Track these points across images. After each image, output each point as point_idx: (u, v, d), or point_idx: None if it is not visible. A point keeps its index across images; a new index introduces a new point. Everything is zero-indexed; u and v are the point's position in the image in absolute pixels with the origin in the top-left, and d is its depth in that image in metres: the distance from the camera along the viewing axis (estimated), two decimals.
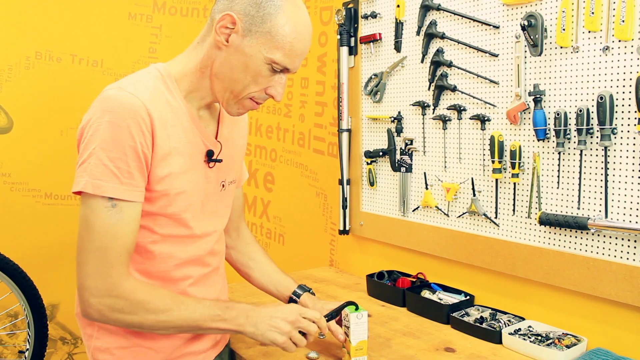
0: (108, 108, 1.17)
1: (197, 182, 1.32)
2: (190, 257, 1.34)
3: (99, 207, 1.16)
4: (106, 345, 1.30)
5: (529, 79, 1.65)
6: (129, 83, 1.22)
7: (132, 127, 1.16)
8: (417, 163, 2.05)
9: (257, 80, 1.25)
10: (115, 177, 1.16)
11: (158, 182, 1.23)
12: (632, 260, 1.43)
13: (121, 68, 2.81)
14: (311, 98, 2.63)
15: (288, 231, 2.88)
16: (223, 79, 1.26)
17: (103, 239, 1.16)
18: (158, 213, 1.26)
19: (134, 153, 1.17)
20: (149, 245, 1.27)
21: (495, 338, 1.59)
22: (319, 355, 1.52)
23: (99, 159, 1.15)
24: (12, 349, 2.68)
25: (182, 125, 1.27)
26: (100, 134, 1.15)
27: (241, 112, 1.32)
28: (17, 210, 2.63)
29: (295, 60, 1.26)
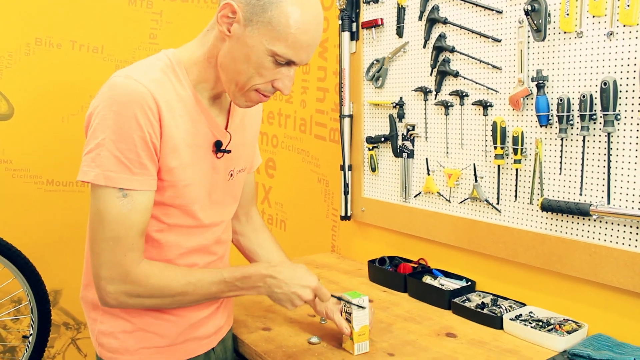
0: (115, 96, 1.16)
1: (205, 173, 1.31)
2: (197, 246, 1.35)
3: (111, 197, 1.15)
4: (110, 330, 1.31)
5: (532, 64, 1.64)
6: (137, 70, 1.21)
7: (140, 116, 1.15)
8: (419, 149, 2.05)
9: (261, 72, 1.19)
10: (127, 169, 1.15)
11: (167, 173, 1.22)
12: (634, 246, 1.43)
13: (122, 54, 2.79)
14: (313, 84, 2.62)
15: (290, 217, 2.89)
16: (227, 70, 1.22)
17: (116, 228, 1.16)
18: (166, 203, 1.26)
19: (143, 142, 1.16)
20: (154, 233, 1.27)
21: (496, 324, 1.60)
22: (321, 340, 1.53)
23: (109, 150, 1.14)
24: (16, 334, 2.70)
25: (190, 115, 1.25)
26: (108, 124, 1.14)
27: (249, 105, 1.28)
28: (19, 197, 2.63)
29: (301, 53, 1.19)
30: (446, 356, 1.44)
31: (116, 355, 1.31)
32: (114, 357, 1.31)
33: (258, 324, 1.66)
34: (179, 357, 1.36)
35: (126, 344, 1.31)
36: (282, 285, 1.30)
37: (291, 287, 1.30)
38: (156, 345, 1.32)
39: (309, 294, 1.32)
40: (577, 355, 1.37)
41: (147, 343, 1.32)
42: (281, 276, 1.30)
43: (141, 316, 1.31)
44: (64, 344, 2.85)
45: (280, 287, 1.30)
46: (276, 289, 1.30)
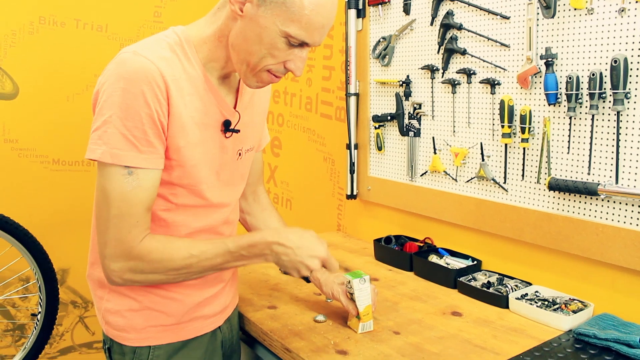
0: (122, 73, 1.14)
1: (213, 153, 1.30)
2: (204, 226, 1.34)
3: (115, 175, 1.15)
4: (117, 308, 1.32)
5: (540, 41, 1.61)
6: (146, 47, 1.19)
7: (147, 93, 1.14)
8: (426, 127, 2.03)
9: (273, 53, 1.17)
10: (134, 146, 1.14)
11: (175, 152, 1.21)
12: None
13: (126, 33, 2.77)
14: (318, 62, 2.60)
15: (295, 196, 2.89)
16: (239, 50, 1.20)
17: (120, 206, 1.16)
18: (174, 183, 1.25)
19: (151, 120, 1.15)
20: (162, 213, 1.27)
21: (502, 303, 1.60)
22: (327, 318, 1.54)
23: (116, 127, 1.13)
24: (25, 312, 2.72)
25: (199, 94, 1.24)
26: (115, 101, 1.13)
27: (260, 85, 1.26)
28: (25, 177, 2.63)
29: (314, 35, 1.16)
30: (451, 335, 1.44)
31: (123, 334, 1.32)
32: (121, 335, 1.32)
33: (264, 302, 1.67)
34: (185, 336, 1.36)
35: (133, 322, 1.32)
36: (290, 252, 1.27)
37: (298, 256, 1.27)
38: (162, 323, 1.33)
39: (317, 264, 1.29)
40: (583, 335, 1.37)
41: (154, 321, 1.33)
42: (289, 243, 1.27)
43: (147, 294, 1.31)
44: (72, 322, 2.88)
45: (288, 254, 1.27)
46: (283, 256, 1.27)
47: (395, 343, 1.40)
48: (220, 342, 1.47)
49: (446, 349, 1.37)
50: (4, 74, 2.54)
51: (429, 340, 1.41)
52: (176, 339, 1.35)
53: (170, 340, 1.35)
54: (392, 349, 1.36)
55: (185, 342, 1.37)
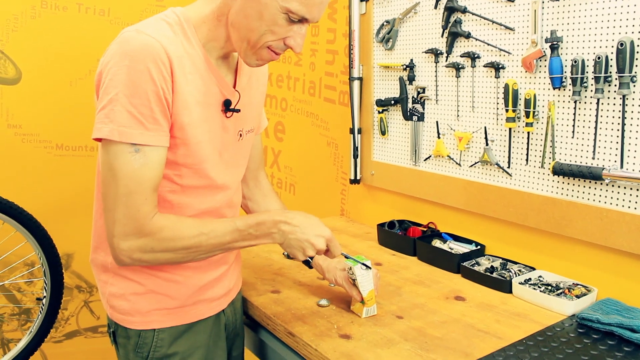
0: (127, 51, 1.14)
1: (215, 132, 1.30)
2: (209, 208, 1.35)
3: (123, 153, 1.14)
4: (121, 292, 1.32)
5: (546, 25, 1.60)
6: (148, 26, 1.19)
7: (153, 70, 1.14)
8: (429, 112, 2.02)
9: (274, 29, 1.19)
10: (140, 124, 1.14)
11: (179, 130, 1.21)
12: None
13: (128, 17, 2.76)
14: (322, 46, 2.58)
15: (299, 181, 2.88)
16: (239, 28, 1.21)
17: (128, 184, 1.15)
18: (179, 162, 1.25)
19: (156, 97, 1.15)
20: (167, 194, 1.27)
21: (505, 287, 1.60)
22: (330, 302, 1.54)
23: (122, 105, 1.13)
24: (30, 296, 2.74)
25: (199, 73, 1.24)
26: (120, 79, 1.13)
27: (259, 64, 1.27)
28: (29, 162, 2.64)
29: (314, 10, 1.19)
30: (454, 319, 1.44)
31: (127, 317, 1.33)
32: (125, 319, 1.33)
33: (267, 286, 1.67)
34: (189, 319, 1.37)
35: (137, 306, 1.32)
36: (296, 231, 1.28)
37: (305, 235, 1.28)
38: (167, 307, 1.34)
39: (322, 243, 1.30)
40: (586, 319, 1.37)
41: (158, 305, 1.33)
42: (295, 222, 1.29)
43: (151, 278, 1.32)
44: (77, 307, 2.90)
45: (294, 233, 1.28)
46: (290, 235, 1.28)
47: (398, 327, 1.40)
48: (224, 326, 1.48)
49: (449, 333, 1.37)
50: (6, 58, 2.54)
51: (432, 324, 1.42)
52: (180, 322, 1.36)
53: (175, 323, 1.35)
54: (395, 333, 1.37)
55: (190, 326, 1.38)
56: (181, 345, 1.36)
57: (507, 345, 1.30)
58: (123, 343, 1.36)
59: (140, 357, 1.34)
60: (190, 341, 1.37)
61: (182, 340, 1.36)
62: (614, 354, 1.25)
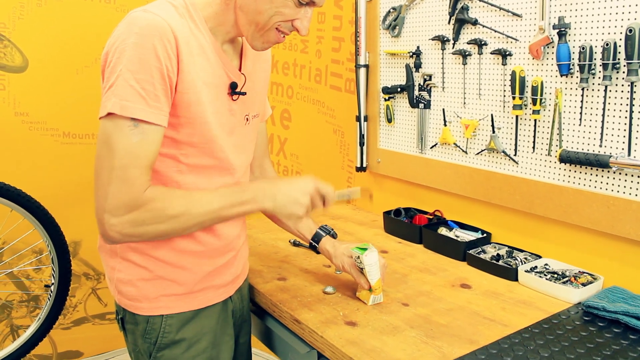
0: (134, 29, 1.15)
1: (222, 113, 1.31)
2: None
3: (122, 127, 1.14)
4: (129, 277, 1.33)
5: (553, 11, 1.58)
6: (155, 6, 1.21)
7: (159, 48, 1.15)
8: (436, 99, 2.02)
9: (283, 11, 1.23)
10: (142, 99, 1.14)
11: (185, 109, 1.22)
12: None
13: (133, 4, 2.72)
14: (328, 33, 2.57)
15: (305, 168, 2.89)
16: (247, 11, 1.24)
17: (124, 158, 1.15)
18: (183, 141, 1.25)
19: (160, 75, 1.16)
20: (174, 174, 1.28)
21: (511, 275, 1.60)
22: (336, 290, 1.55)
23: (126, 80, 1.13)
24: (38, 283, 2.77)
25: (206, 55, 1.25)
26: (126, 55, 1.14)
27: (266, 47, 1.30)
28: (36, 150, 2.65)
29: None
30: (460, 307, 1.45)
31: (135, 303, 1.34)
32: (134, 305, 1.34)
33: (273, 274, 1.68)
34: (197, 305, 1.38)
35: (145, 292, 1.33)
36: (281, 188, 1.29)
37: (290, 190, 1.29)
38: (175, 292, 1.35)
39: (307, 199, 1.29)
40: (592, 307, 1.37)
41: (166, 290, 1.34)
42: (279, 183, 1.30)
43: (159, 264, 1.32)
44: (84, 294, 2.92)
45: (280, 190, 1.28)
46: (277, 194, 1.28)
47: (404, 315, 1.41)
48: (231, 312, 1.49)
49: (454, 320, 1.37)
50: (13, 46, 2.54)
51: (438, 312, 1.42)
52: (188, 308, 1.37)
53: (183, 309, 1.36)
54: (400, 320, 1.37)
55: (197, 312, 1.38)
56: (189, 331, 1.37)
57: (513, 332, 1.30)
58: (131, 329, 1.37)
59: (148, 342, 1.35)
60: (198, 327, 1.38)
61: (190, 326, 1.37)
62: (619, 342, 1.25)
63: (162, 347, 1.35)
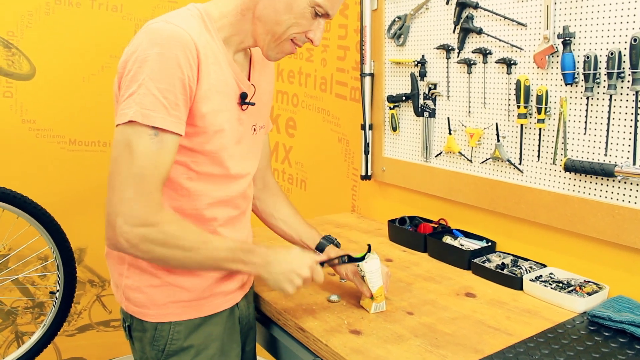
0: (157, 40, 1.17)
1: (232, 122, 1.34)
2: (223, 197, 1.36)
3: (142, 135, 1.16)
4: (137, 284, 1.34)
5: (558, 20, 1.59)
6: (175, 17, 1.23)
7: (181, 58, 1.17)
8: (441, 108, 2.02)
9: (300, 22, 1.28)
10: (164, 108, 1.17)
11: (199, 118, 1.24)
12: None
13: (141, 13, 2.77)
14: (333, 42, 2.58)
15: (310, 177, 2.89)
16: (266, 21, 1.28)
17: (143, 166, 1.16)
18: (195, 150, 1.27)
19: (182, 85, 1.18)
20: (184, 181, 1.29)
21: (516, 284, 1.60)
22: (340, 298, 1.55)
23: (148, 88, 1.16)
24: (43, 289, 2.77)
25: (220, 64, 1.28)
26: (149, 65, 1.16)
27: (279, 57, 1.35)
28: (43, 157, 2.66)
29: (335, 6, 1.30)
30: (465, 316, 1.44)
31: (144, 310, 1.34)
32: (141, 312, 1.34)
33: None
34: (205, 312, 1.38)
35: (153, 298, 1.33)
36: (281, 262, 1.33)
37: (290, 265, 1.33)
38: (183, 299, 1.35)
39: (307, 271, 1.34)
40: (597, 317, 1.37)
41: (174, 297, 1.34)
42: (279, 256, 1.33)
43: (167, 271, 1.33)
44: (89, 301, 2.92)
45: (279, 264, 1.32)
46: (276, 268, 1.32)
47: (408, 323, 1.40)
48: (238, 319, 1.49)
49: (459, 329, 1.37)
50: (20, 54, 2.56)
51: (443, 320, 1.42)
52: (196, 315, 1.37)
53: (191, 316, 1.36)
54: (405, 329, 1.37)
55: (205, 319, 1.39)
56: (197, 338, 1.37)
57: (518, 342, 1.30)
58: (139, 337, 1.37)
59: (156, 350, 1.35)
60: (205, 334, 1.38)
61: (198, 333, 1.37)
62: (625, 352, 1.24)
63: (170, 354, 1.35)
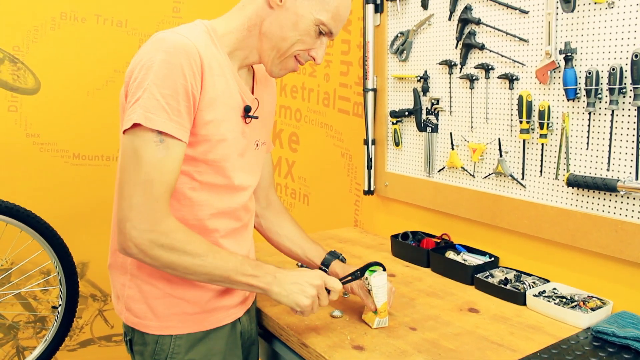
0: (162, 47, 1.20)
1: (236, 135, 1.35)
2: (226, 208, 1.37)
3: (148, 141, 1.18)
4: (139, 295, 1.33)
5: (560, 36, 1.60)
6: (181, 29, 1.27)
7: (185, 67, 1.20)
8: (443, 123, 2.03)
9: (304, 40, 1.31)
10: (165, 112, 1.18)
11: (202, 127, 1.26)
12: None
13: (145, 28, 2.79)
14: (336, 57, 2.60)
15: (313, 191, 2.89)
16: (272, 37, 1.31)
17: (151, 172, 1.18)
18: (199, 159, 1.28)
19: (185, 93, 1.20)
20: (187, 191, 1.30)
21: (519, 299, 1.59)
22: (343, 313, 1.54)
23: (152, 93, 1.18)
24: (46, 304, 2.77)
25: (225, 77, 1.31)
26: (153, 71, 1.18)
27: (282, 73, 1.38)
28: (46, 171, 2.67)
29: (339, 25, 1.33)
30: (468, 331, 1.44)
31: (145, 322, 1.34)
32: (142, 323, 1.34)
33: None
34: (207, 326, 1.38)
35: (155, 309, 1.33)
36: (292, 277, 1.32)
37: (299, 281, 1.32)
38: (185, 311, 1.35)
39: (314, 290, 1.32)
40: (601, 333, 1.36)
41: (176, 309, 1.34)
42: (290, 274, 1.33)
43: (169, 282, 1.33)
44: (91, 315, 2.92)
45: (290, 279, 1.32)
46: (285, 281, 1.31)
47: (411, 339, 1.40)
48: (240, 334, 1.48)
49: (463, 345, 1.36)
50: (26, 69, 2.58)
51: (446, 336, 1.41)
52: (198, 328, 1.37)
53: (192, 330, 1.36)
54: (408, 344, 1.37)
55: (207, 333, 1.38)
56: (198, 353, 1.36)
57: (521, 358, 1.29)
58: (140, 350, 1.36)
59: None
60: (207, 348, 1.38)
61: (199, 348, 1.37)
62: None
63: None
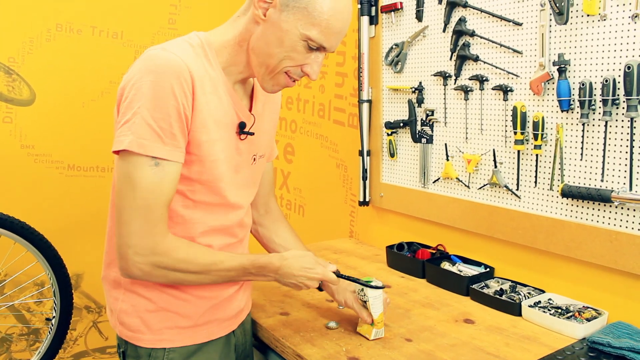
0: (152, 67, 1.18)
1: (230, 152, 1.34)
2: (220, 226, 1.36)
3: (143, 166, 1.17)
4: (132, 308, 1.33)
5: (553, 48, 1.61)
6: (173, 45, 1.24)
7: (175, 87, 1.18)
8: (438, 134, 2.03)
9: (292, 56, 1.24)
10: (159, 138, 1.17)
11: (196, 147, 1.24)
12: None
13: (141, 39, 2.80)
14: (331, 69, 2.61)
15: (308, 202, 2.89)
16: (259, 53, 1.26)
17: (147, 197, 1.18)
18: (193, 178, 1.28)
19: (177, 114, 1.18)
20: (180, 209, 1.29)
21: (514, 310, 1.59)
22: (339, 325, 1.54)
23: (143, 118, 1.16)
24: (39, 316, 2.75)
25: (218, 94, 1.28)
26: (144, 93, 1.17)
27: (275, 89, 1.32)
28: (41, 182, 2.66)
29: (332, 39, 1.24)
30: (464, 342, 1.44)
31: (138, 335, 1.33)
32: (135, 336, 1.33)
33: (276, 308, 1.67)
34: (200, 339, 1.37)
35: (148, 323, 1.32)
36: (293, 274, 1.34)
37: (297, 278, 1.35)
38: (178, 325, 1.34)
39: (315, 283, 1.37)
40: (597, 343, 1.36)
41: (169, 323, 1.33)
42: (293, 268, 1.34)
43: (163, 295, 1.32)
44: (85, 327, 2.90)
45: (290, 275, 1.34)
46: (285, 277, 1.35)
47: (407, 350, 1.39)
48: (234, 347, 1.48)
49: (458, 356, 1.36)
50: (21, 80, 2.58)
51: (441, 347, 1.41)
52: (191, 341, 1.36)
53: (186, 343, 1.35)
54: (403, 356, 1.36)
55: (200, 346, 1.37)
56: None
57: None
58: None
59: None
60: None
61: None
62: None
63: None
